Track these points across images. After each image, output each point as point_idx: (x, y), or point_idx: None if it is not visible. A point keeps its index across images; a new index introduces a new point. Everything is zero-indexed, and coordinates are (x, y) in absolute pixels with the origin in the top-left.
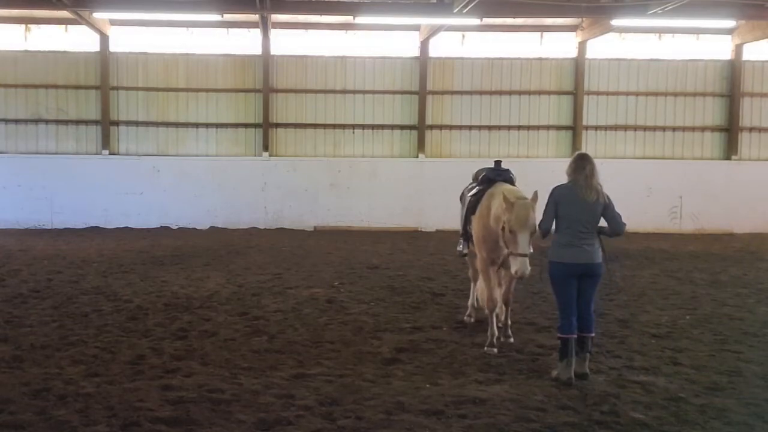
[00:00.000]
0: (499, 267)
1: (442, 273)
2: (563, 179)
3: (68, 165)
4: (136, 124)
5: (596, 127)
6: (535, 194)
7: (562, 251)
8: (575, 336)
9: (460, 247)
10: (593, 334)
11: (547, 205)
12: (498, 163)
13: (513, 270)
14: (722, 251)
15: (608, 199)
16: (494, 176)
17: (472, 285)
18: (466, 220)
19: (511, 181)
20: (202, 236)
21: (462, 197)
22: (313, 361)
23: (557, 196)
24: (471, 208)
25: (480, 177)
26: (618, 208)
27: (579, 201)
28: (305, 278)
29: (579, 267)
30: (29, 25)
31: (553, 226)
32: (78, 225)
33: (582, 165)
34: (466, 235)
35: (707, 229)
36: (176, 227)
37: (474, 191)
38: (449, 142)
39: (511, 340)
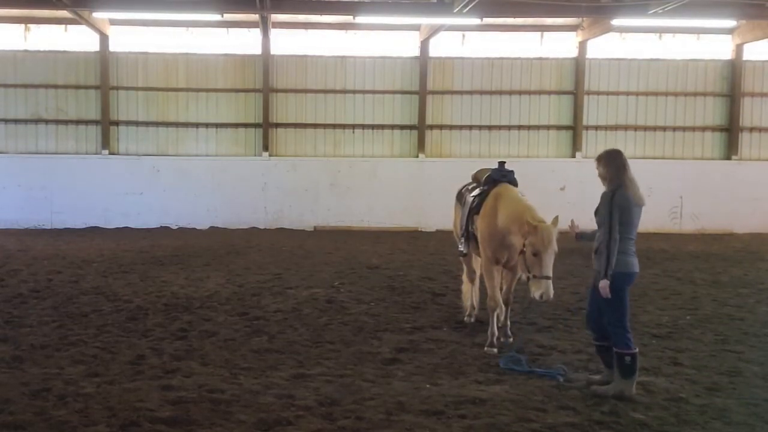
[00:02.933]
0: (503, 267)
1: (442, 273)
2: (563, 179)
3: (68, 165)
4: (136, 124)
5: (596, 127)
6: (556, 219)
7: (630, 260)
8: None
9: (461, 247)
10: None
11: (611, 215)
12: (502, 164)
13: (537, 294)
14: (723, 251)
15: None
16: (499, 177)
17: (470, 286)
18: (469, 220)
19: (515, 183)
20: (202, 236)
21: (460, 197)
22: (313, 361)
23: (622, 201)
24: (475, 208)
25: (484, 177)
26: None
27: (635, 206)
28: (305, 278)
29: (635, 276)
30: (29, 25)
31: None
32: (78, 225)
33: (625, 163)
34: (467, 234)
35: (708, 229)
36: (176, 227)
37: (477, 191)
38: (449, 142)
39: (511, 340)
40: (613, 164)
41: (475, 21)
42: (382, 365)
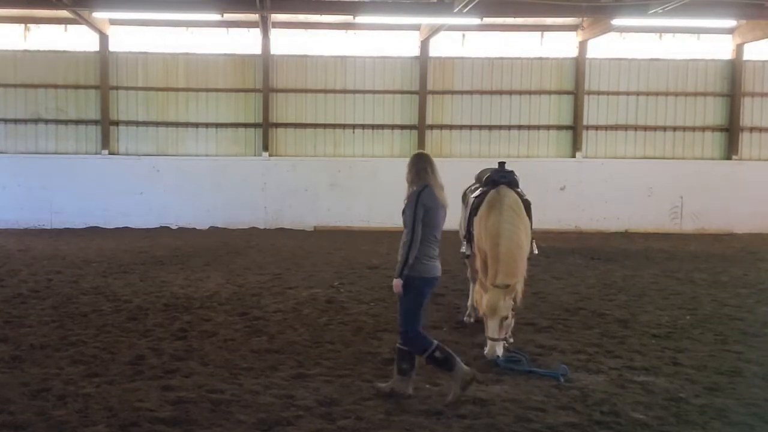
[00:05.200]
0: None
1: (442, 273)
2: (563, 179)
3: (68, 165)
4: (136, 124)
5: (596, 127)
6: (510, 287)
7: (433, 265)
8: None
9: (463, 249)
10: None
11: (416, 213)
12: (502, 164)
13: (484, 351)
14: (723, 251)
15: None
16: (498, 178)
17: (471, 285)
18: (469, 222)
19: (515, 183)
20: (202, 236)
21: (464, 198)
22: (313, 361)
23: (427, 201)
24: (474, 210)
25: (484, 179)
26: (618, 208)
27: (439, 206)
28: (305, 278)
29: (437, 281)
30: (29, 25)
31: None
32: (78, 225)
33: (426, 165)
34: (469, 236)
35: (708, 229)
36: (176, 227)
37: (477, 193)
38: (449, 142)
39: (511, 340)
40: (414, 167)
41: (475, 21)
42: (382, 365)
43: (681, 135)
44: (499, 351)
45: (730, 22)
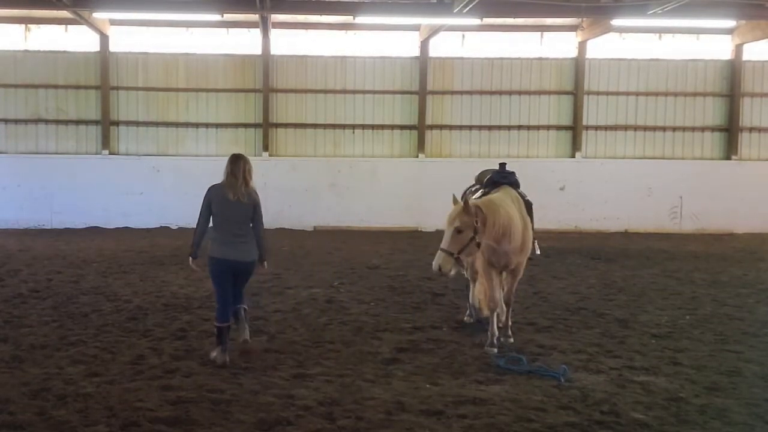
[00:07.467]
0: (501, 270)
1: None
2: (563, 179)
3: (68, 165)
4: (136, 124)
5: (596, 127)
6: (466, 201)
7: (219, 248)
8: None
9: None
10: (245, 306)
11: (202, 204)
12: (503, 165)
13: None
14: (722, 251)
15: (257, 201)
16: (499, 179)
17: (471, 285)
18: None
19: (516, 184)
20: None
21: (464, 198)
22: (313, 361)
23: (211, 195)
24: None
25: (485, 180)
26: (618, 208)
27: (224, 200)
28: (305, 278)
29: (229, 263)
30: (29, 25)
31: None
32: (78, 225)
33: (227, 166)
34: None
35: (707, 229)
36: (176, 227)
37: (478, 194)
38: (449, 142)
39: (511, 340)
40: (225, 166)
41: (475, 21)
42: (382, 365)
43: (680, 135)
44: (445, 264)
45: (730, 23)
